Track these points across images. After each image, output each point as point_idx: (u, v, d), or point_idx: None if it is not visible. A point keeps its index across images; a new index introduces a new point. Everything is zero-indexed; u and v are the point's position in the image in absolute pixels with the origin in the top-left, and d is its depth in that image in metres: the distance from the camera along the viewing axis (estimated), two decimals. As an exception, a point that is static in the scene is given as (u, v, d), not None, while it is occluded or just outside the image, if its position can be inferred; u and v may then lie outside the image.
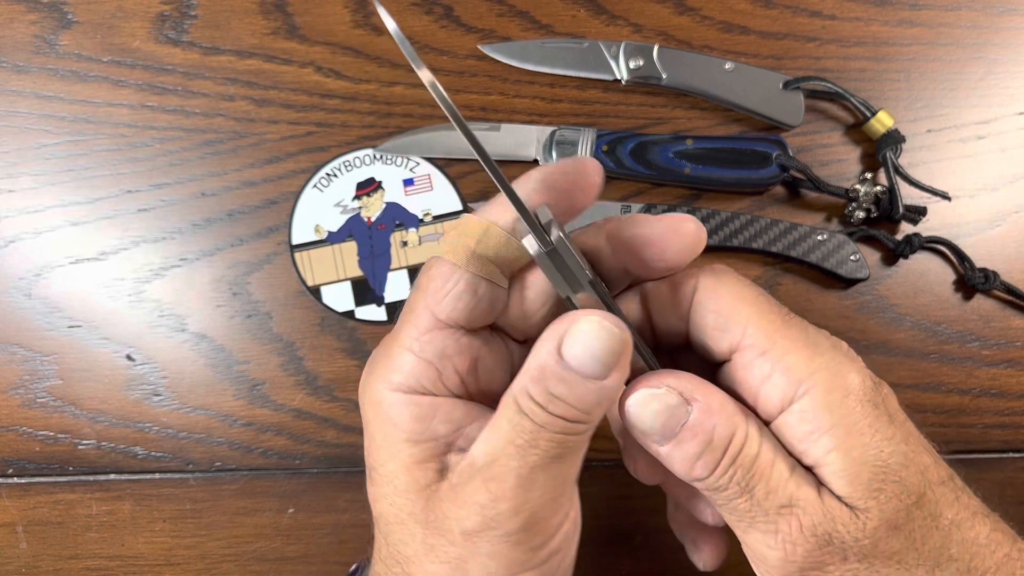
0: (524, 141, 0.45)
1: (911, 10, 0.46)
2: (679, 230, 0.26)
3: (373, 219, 0.45)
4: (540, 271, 0.26)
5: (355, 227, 0.45)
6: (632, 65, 0.45)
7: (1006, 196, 0.44)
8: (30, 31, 0.46)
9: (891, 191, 0.43)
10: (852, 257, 0.43)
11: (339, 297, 0.45)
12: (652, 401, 0.25)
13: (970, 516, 0.26)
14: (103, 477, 0.44)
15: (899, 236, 0.44)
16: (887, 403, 0.25)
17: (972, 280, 0.43)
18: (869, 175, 0.43)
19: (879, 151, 0.43)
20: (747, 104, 0.44)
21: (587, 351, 0.24)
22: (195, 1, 0.46)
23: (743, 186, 0.44)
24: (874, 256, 0.44)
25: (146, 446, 0.44)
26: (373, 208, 0.45)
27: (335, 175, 0.45)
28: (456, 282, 0.25)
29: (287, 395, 0.44)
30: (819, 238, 0.43)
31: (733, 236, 0.43)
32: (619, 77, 0.45)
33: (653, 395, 0.25)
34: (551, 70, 0.45)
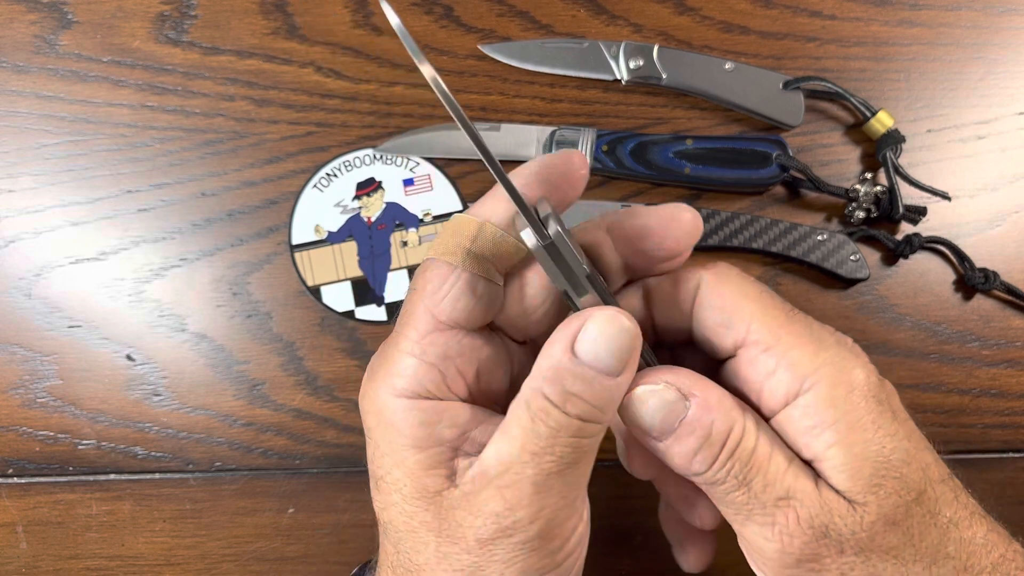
0: (524, 141, 0.45)
1: (911, 10, 0.46)
2: (677, 218, 0.27)
3: (373, 219, 0.45)
4: (539, 267, 0.26)
5: (355, 227, 0.45)
6: (632, 65, 0.45)
7: (1006, 196, 0.44)
8: (30, 31, 0.46)
9: (891, 191, 0.43)
10: (852, 257, 0.43)
11: (339, 297, 0.45)
12: (651, 397, 0.25)
13: (968, 515, 0.26)
14: (103, 477, 0.44)
15: (899, 236, 0.44)
16: (891, 400, 0.25)
17: (972, 280, 0.43)
18: (869, 175, 0.43)
19: (879, 151, 0.43)
20: (747, 104, 0.44)
21: (602, 346, 0.24)
22: (195, 1, 0.46)
23: (743, 186, 0.44)
24: (874, 256, 0.44)
25: (146, 446, 0.44)
26: (373, 208, 0.45)
27: (335, 175, 0.45)
28: (454, 282, 0.25)
29: (287, 395, 0.44)
30: (819, 238, 0.43)
31: (733, 236, 0.43)
32: (619, 77, 0.45)
33: (652, 391, 0.25)
34: (551, 70, 0.45)
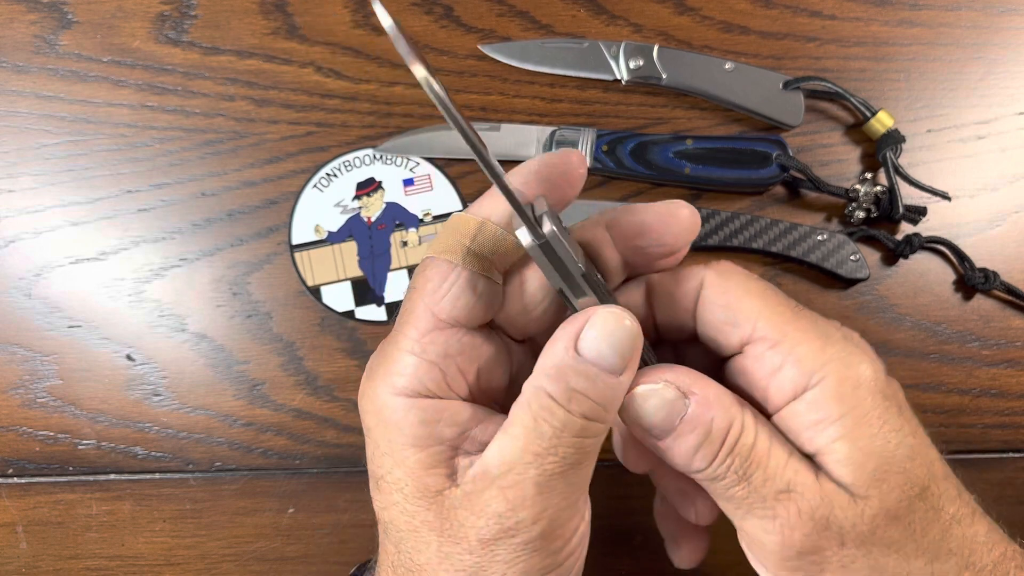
0: (524, 141, 0.45)
1: (911, 10, 0.46)
2: (674, 214, 0.27)
3: (373, 219, 0.45)
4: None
5: (355, 227, 0.45)
6: (632, 65, 0.45)
7: (1006, 196, 0.44)
8: (30, 31, 0.46)
9: (891, 191, 0.43)
10: (852, 257, 0.43)
11: (339, 297, 0.45)
12: (651, 396, 0.25)
13: (970, 513, 0.26)
14: (103, 477, 0.44)
15: (899, 236, 0.44)
16: (897, 396, 0.26)
17: (972, 280, 0.43)
18: (869, 175, 0.43)
19: (879, 151, 0.43)
20: (747, 104, 0.44)
21: (605, 344, 0.24)
22: (195, 1, 0.46)
23: (743, 186, 0.44)
24: (874, 256, 0.44)
25: (146, 446, 0.44)
26: (373, 208, 0.45)
27: (335, 175, 0.45)
28: (455, 280, 0.25)
29: (287, 395, 0.44)
30: (819, 238, 0.43)
31: (733, 236, 0.43)
32: (619, 77, 0.45)
33: (652, 391, 0.25)
34: (551, 70, 0.45)
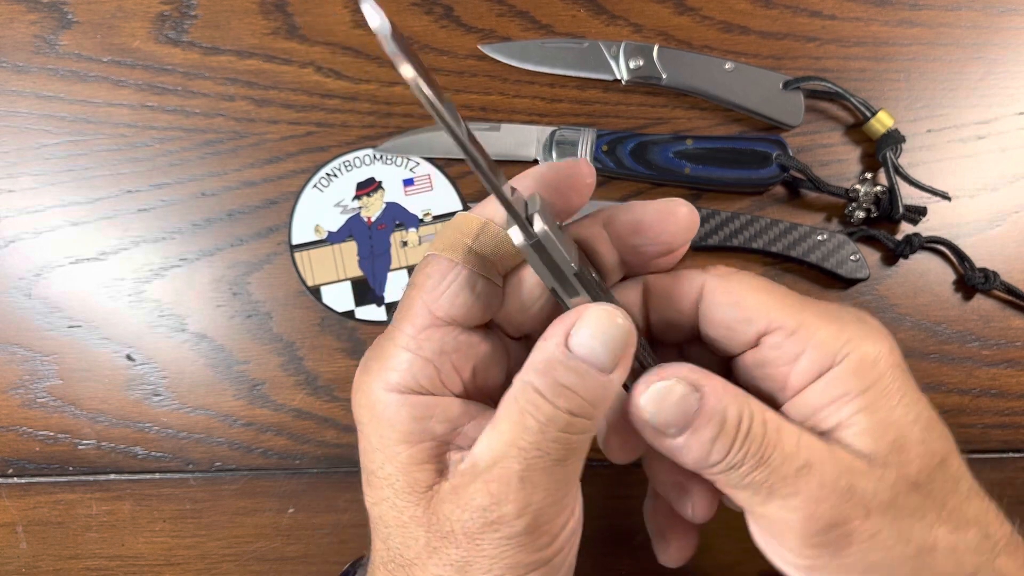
0: (524, 141, 0.45)
1: (911, 10, 0.46)
2: (673, 212, 0.27)
3: (373, 219, 0.45)
4: None
5: (355, 227, 0.45)
6: (632, 65, 0.45)
7: (1006, 196, 0.44)
8: (30, 31, 0.46)
9: (891, 191, 0.43)
10: (852, 257, 0.43)
11: (339, 297, 0.45)
12: (667, 394, 0.25)
13: (979, 489, 0.27)
14: (103, 477, 0.44)
15: (899, 236, 0.44)
16: (911, 372, 0.26)
17: (972, 280, 0.43)
18: (869, 175, 0.43)
19: (879, 151, 0.43)
20: (747, 104, 0.44)
21: (597, 341, 0.24)
22: (195, 1, 0.46)
23: (743, 186, 0.44)
24: (874, 256, 0.44)
25: (146, 446, 0.44)
26: (373, 208, 0.45)
27: (335, 175, 0.45)
28: (454, 279, 0.25)
29: (287, 395, 0.44)
30: (819, 238, 0.43)
31: (733, 236, 0.43)
32: (619, 77, 0.45)
33: (667, 388, 0.25)
34: (551, 70, 0.45)
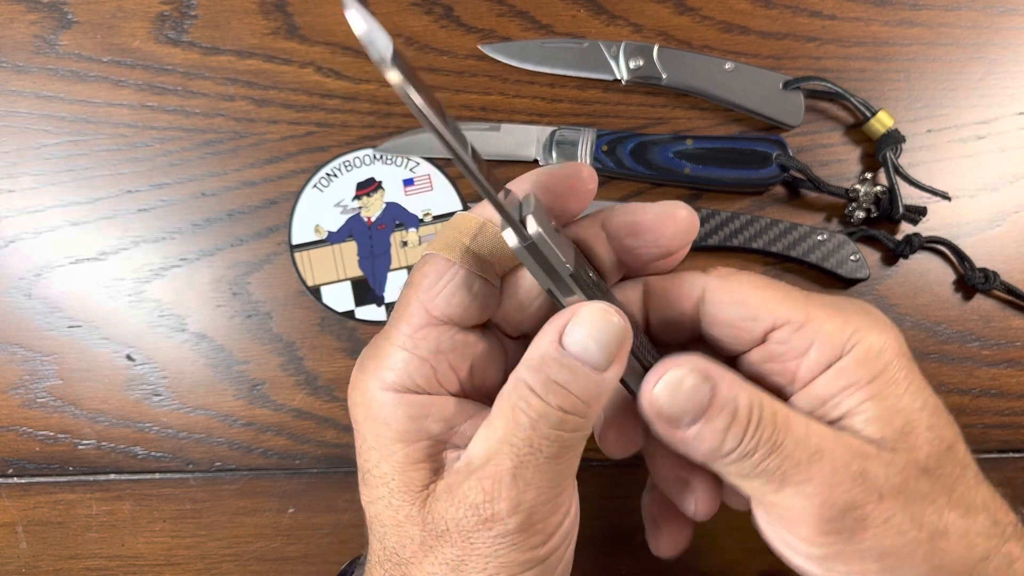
0: (524, 141, 0.45)
1: (911, 10, 0.46)
2: (672, 216, 0.27)
3: (373, 219, 0.45)
4: None
5: (355, 227, 0.45)
6: (632, 65, 0.45)
7: (1006, 196, 0.44)
8: (30, 31, 0.46)
9: (891, 191, 0.43)
10: (852, 257, 0.43)
11: (339, 297, 0.45)
12: (680, 383, 0.25)
13: (984, 479, 0.27)
14: (103, 477, 0.44)
15: (899, 236, 0.44)
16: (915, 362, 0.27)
17: (972, 280, 0.43)
18: (869, 175, 0.43)
19: (879, 151, 0.43)
20: (747, 104, 0.44)
21: (591, 339, 0.24)
22: (195, 1, 0.46)
23: (743, 186, 0.44)
24: (874, 256, 0.44)
25: (146, 446, 0.44)
26: (373, 208, 0.45)
27: (335, 175, 0.45)
28: (451, 279, 0.25)
29: (287, 395, 0.44)
30: (819, 238, 0.43)
31: (733, 236, 0.43)
32: (619, 77, 0.45)
33: (680, 377, 0.25)
34: (551, 70, 0.45)
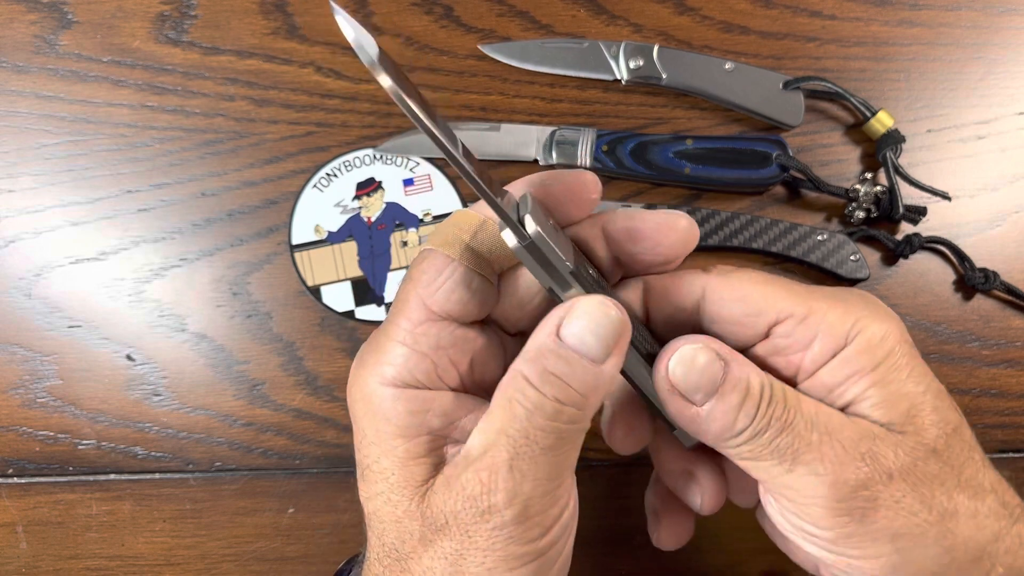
0: (524, 141, 0.45)
1: (911, 10, 0.46)
2: (673, 225, 0.27)
3: (373, 219, 0.45)
4: None
5: (355, 227, 0.45)
6: (632, 65, 0.45)
7: (1006, 196, 0.44)
8: (30, 31, 0.46)
9: (891, 191, 0.43)
10: (852, 257, 0.43)
11: (339, 297, 0.45)
12: (695, 358, 0.25)
13: (989, 462, 0.27)
14: (103, 477, 0.44)
15: (899, 236, 0.44)
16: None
17: (972, 280, 0.43)
18: (869, 175, 0.43)
19: (879, 151, 0.43)
20: (747, 104, 0.44)
21: (589, 331, 0.24)
22: (195, 1, 0.46)
23: (743, 186, 0.44)
24: (874, 256, 0.44)
25: (146, 446, 0.44)
26: (373, 208, 0.45)
27: (335, 175, 0.45)
28: (450, 275, 0.25)
29: (287, 395, 0.44)
30: (819, 238, 0.43)
31: (733, 236, 0.43)
32: (619, 77, 0.45)
33: (694, 352, 0.25)
34: (551, 70, 0.45)
